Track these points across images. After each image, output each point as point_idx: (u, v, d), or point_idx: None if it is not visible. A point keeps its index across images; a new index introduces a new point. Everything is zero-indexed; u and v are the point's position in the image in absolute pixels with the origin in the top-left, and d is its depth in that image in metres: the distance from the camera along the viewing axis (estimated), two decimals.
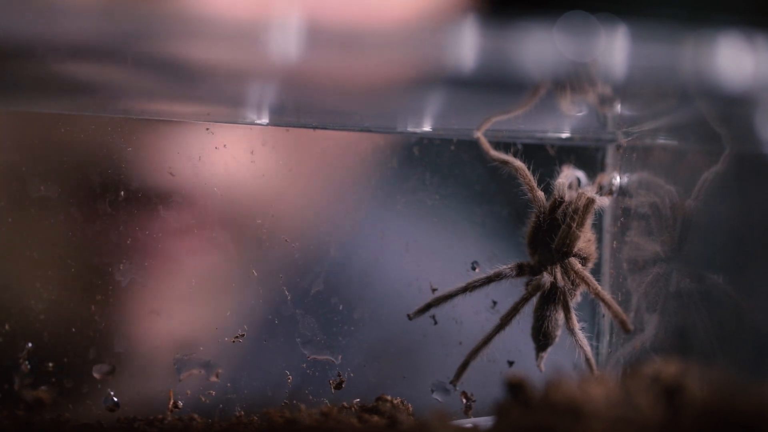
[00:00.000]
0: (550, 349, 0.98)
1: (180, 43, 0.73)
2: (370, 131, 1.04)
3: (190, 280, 1.01)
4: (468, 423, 0.99)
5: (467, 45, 0.72)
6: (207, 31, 0.71)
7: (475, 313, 1.02)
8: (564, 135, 1.05)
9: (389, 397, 1.01)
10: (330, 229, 1.05)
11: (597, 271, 1.01)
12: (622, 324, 0.93)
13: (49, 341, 0.94)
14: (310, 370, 1.02)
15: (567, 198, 0.97)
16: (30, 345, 0.94)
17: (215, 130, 0.99)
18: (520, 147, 0.99)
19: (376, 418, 0.95)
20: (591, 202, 0.95)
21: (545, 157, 1.03)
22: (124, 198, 0.97)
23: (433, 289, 1.01)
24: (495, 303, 1.03)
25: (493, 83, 0.76)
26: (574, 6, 0.74)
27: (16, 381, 0.93)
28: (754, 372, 0.78)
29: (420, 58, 0.75)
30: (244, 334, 1.00)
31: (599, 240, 1.02)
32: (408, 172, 1.06)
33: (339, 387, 1.01)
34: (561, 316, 0.97)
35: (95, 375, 0.96)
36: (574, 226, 0.95)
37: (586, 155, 1.05)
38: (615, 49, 0.73)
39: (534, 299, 0.97)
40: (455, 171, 1.06)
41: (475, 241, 1.07)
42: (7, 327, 0.93)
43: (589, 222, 0.97)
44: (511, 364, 1.04)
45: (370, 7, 1.21)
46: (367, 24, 0.72)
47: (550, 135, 1.05)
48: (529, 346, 0.99)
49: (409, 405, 1.01)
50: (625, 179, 1.02)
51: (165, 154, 0.98)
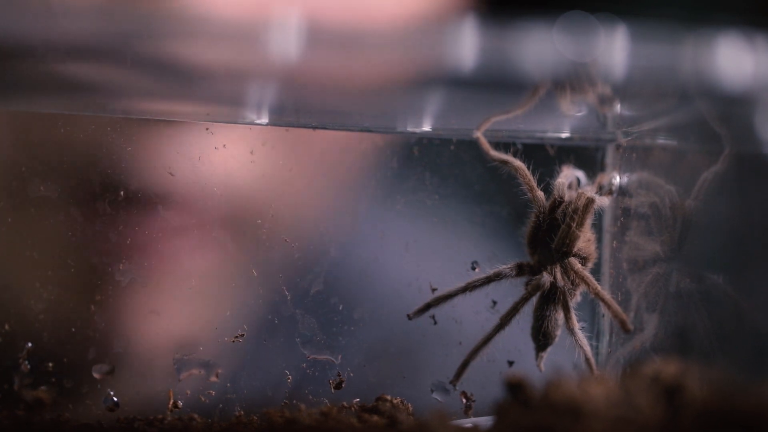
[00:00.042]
0: (549, 348, 0.98)
1: (180, 43, 0.73)
2: (369, 131, 1.04)
3: (189, 280, 1.01)
4: (468, 423, 0.99)
5: (467, 45, 0.72)
6: (207, 31, 0.71)
7: (474, 312, 1.02)
8: (564, 135, 1.05)
9: (389, 397, 1.00)
10: (330, 229, 1.05)
11: (597, 271, 1.01)
12: (622, 324, 0.93)
13: (49, 341, 0.94)
14: (309, 369, 1.02)
15: (567, 198, 0.97)
16: (30, 345, 0.94)
17: (215, 130, 0.99)
18: (519, 147, 0.99)
19: (375, 418, 0.95)
20: (591, 201, 0.95)
21: (545, 157, 1.03)
22: (124, 198, 0.97)
23: (433, 289, 1.01)
24: (495, 303, 1.03)
25: (493, 83, 0.76)
26: (574, 6, 0.74)
27: (16, 381, 0.93)
28: (754, 372, 0.78)
29: (420, 57, 0.75)
30: (243, 334, 1.00)
31: (599, 240, 1.02)
32: (408, 172, 1.06)
33: (339, 387, 1.01)
34: (561, 316, 0.97)
35: (95, 375, 0.96)
36: (574, 225, 0.95)
37: (586, 155, 1.05)
38: (615, 49, 0.73)
39: (534, 299, 0.97)
40: (455, 171, 1.06)
41: (474, 241, 1.07)
42: (7, 327, 0.93)
43: (588, 222, 0.97)
44: (511, 363, 1.04)
45: (370, 7, 1.21)
46: (366, 24, 0.72)
47: (550, 135, 1.05)
48: (528, 346, 0.99)
49: (409, 405, 1.01)
50: (624, 179, 1.02)
51: (165, 154, 0.98)
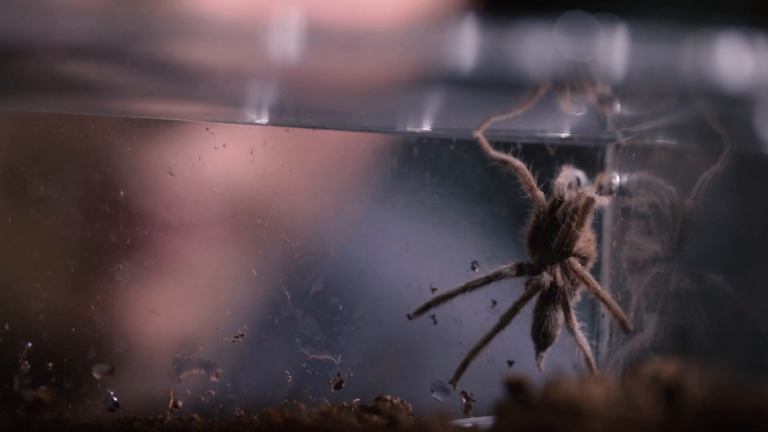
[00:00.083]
0: (549, 348, 0.98)
1: (179, 43, 0.73)
2: (369, 131, 1.04)
3: (189, 279, 1.01)
4: (468, 423, 0.99)
5: (467, 45, 0.72)
6: (206, 31, 0.71)
7: (474, 312, 1.02)
8: (564, 135, 1.05)
9: (389, 397, 1.00)
10: (330, 229, 1.05)
11: (597, 270, 1.01)
12: (622, 324, 0.93)
13: (48, 341, 0.94)
14: (309, 369, 1.02)
15: (567, 198, 0.97)
16: (30, 345, 0.94)
17: (215, 130, 0.99)
18: (519, 147, 0.99)
19: (375, 418, 0.95)
20: (591, 201, 0.95)
21: (545, 157, 1.03)
22: (124, 198, 0.97)
23: (433, 289, 1.01)
24: (495, 303, 1.03)
25: (493, 83, 0.76)
26: (574, 6, 0.74)
27: (16, 381, 0.93)
28: (754, 372, 0.78)
29: (419, 57, 0.75)
30: (243, 334, 1.00)
31: (599, 240, 1.02)
32: (408, 171, 1.06)
33: (339, 387, 1.01)
34: (561, 316, 0.97)
35: (95, 375, 0.96)
36: (574, 225, 0.95)
37: (586, 155, 1.05)
38: (615, 49, 0.73)
39: (534, 299, 0.97)
40: (455, 171, 1.06)
41: (474, 241, 1.07)
42: (7, 327, 0.93)
43: (588, 221, 0.97)
44: (510, 363, 1.04)
45: (370, 6, 1.21)
46: (366, 24, 0.72)
47: (550, 135, 1.04)
48: (528, 345, 0.99)
49: (409, 405, 1.01)
50: (624, 179, 1.02)
51: (165, 154, 0.98)
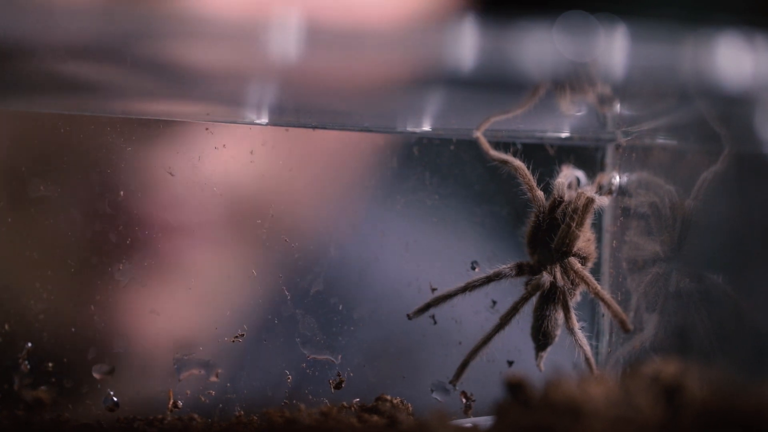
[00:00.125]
0: (549, 348, 0.98)
1: (179, 44, 0.73)
2: (369, 131, 1.04)
3: (189, 280, 1.01)
4: (468, 423, 0.99)
5: (466, 45, 0.72)
6: (206, 31, 0.71)
7: (474, 312, 1.02)
8: (563, 135, 1.05)
9: (389, 397, 1.00)
10: (330, 229, 1.05)
11: (596, 270, 1.01)
12: (622, 324, 0.93)
13: (48, 341, 0.94)
14: (309, 369, 1.02)
15: (566, 197, 0.97)
16: (30, 345, 0.94)
17: (215, 130, 0.99)
18: (519, 147, 0.99)
19: (375, 418, 0.95)
20: (590, 201, 0.95)
21: (545, 157, 1.03)
22: (123, 198, 0.97)
23: (433, 289, 1.01)
24: (494, 303, 1.03)
25: (493, 83, 0.76)
26: (574, 6, 0.74)
27: (15, 381, 0.93)
28: (754, 372, 0.78)
29: (419, 57, 0.75)
30: (243, 334, 1.00)
31: (599, 239, 1.02)
32: (408, 171, 1.06)
33: (339, 387, 1.01)
34: (560, 316, 0.97)
35: (95, 375, 0.96)
36: (574, 225, 0.95)
37: (586, 155, 1.05)
38: (614, 48, 0.73)
39: (533, 299, 0.97)
40: (455, 171, 1.06)
41: (474, 241, 1.07)
42: (6, 327, 0.93)
43: (588, 221, 0.97)
44: (510, 363, 1.04)
45: (370, 7, 1.21)
46: (366, 24, 0.72)
47: (550, 135, 1.05)
48: (528, 345, 0.99)
49: (409, 405, 1.01)
50: (624, 179, 1.02)
51: (165, 154, 0.98)
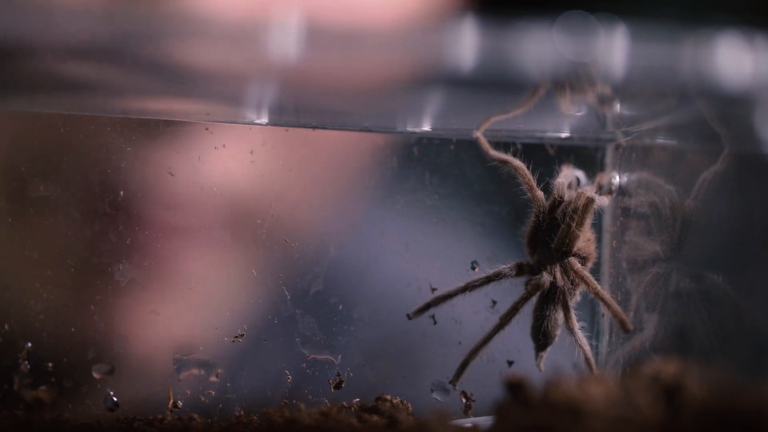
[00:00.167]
0: (549, 348, 0.98)
1: (179, 44, 0.73)
2: (369, 131, 1.04)
3: (189, 280, 1.01)
4: (467, 422, 0.99)
5: (466, 45, 0.72)
6: (206, 31, 0.71)
7: (474, 312, 1.02)
8: (563, 135, 1.05)
9: (389, 397, 1.00)
10: (330, 229, 1.05)
11: (596, 270, 1.01)
12: (622, 324, 0.93)
13: (48, 341, 0.94)
14: (309, 369, 1.02)
15: (566, 197, 0.97)
16: (29, 345, 0.94)
17: (215, 130, 0.99)
18: (519, 146, 0.99)
19: (375, 418, 0.95)
20: (590, 201, 0.95)
21: (545, 157, 1.03)
22: (123, 198, 0.97)
23: (433, 289, 1.01)
24: (494, 302, 1.03)
25: (493, 83, 0.76)
26: (574, 6, 0.74)
27: (15, 381, 0.93)
28: (754, 372, 0.78)
29: (419, 57, 0.75)
30: (243, 334, 1.00)
31: (599, 239, 1.02)
32: (407, 171, 1.06)
33: (338, 387, 1.01)
34: (560, 316, 0.97)
35: (95, 375, 0.96)
36: (574, 225, 0.95)
37: (586, 155, 1.05)
38: (614, 48, 0.73)
39: (533, 299, 0.97)
40: (455, 171, 1.06)
41: (474, 241, 1.07)
42: (6, 327, 0.93)
43: (588, 221, 0.97)
44: (510, 363, 1.04)
45: (369, 7, 1.21)
46: (366, 24, 0.72)
47: (550, 135, 1.04)
48: (528, 345, 0.99)
49: (409, 405, 1.01)
50: (624, 179, 1.02)
51: (165, 154, 0.98)
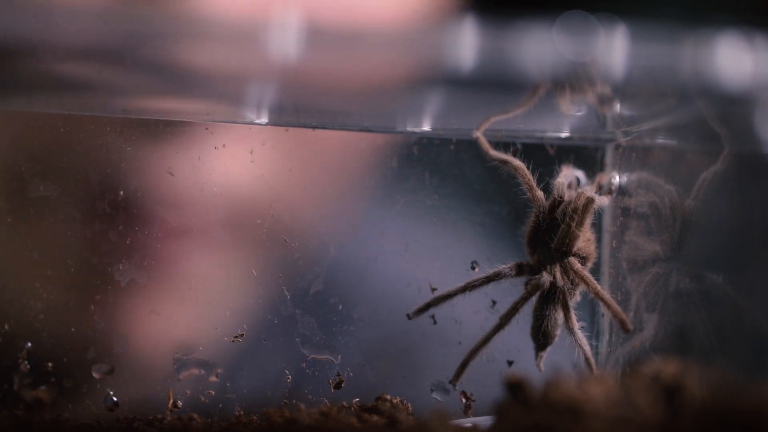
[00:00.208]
0: (549, 348, 0.98)
1: (179, 43, 0.73)
2: (369, 131, 1.04)
3: (189, 279, 1.01)
4: (467, 422, 0.99)
5: (466, 45, 0.72)
6: (206, 31, 0.71)
7: (474, 312, 1.02)
8: (563, 134, 1.05)
9: (389, 397, 1.00)
10: (330, 229, 1.05)
11: (596, 270, 1.01)
12: (622, 323, 0.93)
13: (48, 341, 0.94)
14: (309, 369, 1.02)
15: (566, 197, 0.97)
16: (29, 345, 0.94)
17: (214, 130, 0.99)
18: (519, 146, 0.99)
19: (375, 418, 0.95)
20: (590, 201, 0.95)
21: (544, 157, 1.03)
22: (123, 198, 0.97)
23: (433, 289, 1.01)
24: (494, 302, 1.03)
25: (493, 83, 0.76)
26: (574, 6, 0.74)
27: (15, 381, 0.93)
28: (754, 372, 0.78)
29: (419, 57, 0.75)
30: (243, 334, 1.00)
31: (599, 239, 1.02)
32: (407, 171, 1.06)
33: (338, 386, 1.01)
34: (560, 316, 0.97)
35: (94, 375, 0.96)
36: (574, 225, 0.95)
37: (586, 155, 1.05)
38: (614, 48, 0.73)
39: (533, 299, 0.97)
40: (455, 171, 1.06)
41: (474, 241, 1.07)
42: (6, 327, 0.93)
43: (588, 221, 0.97)
44: (510, 363, 1.04)
45: (369, 7, 1.21)
46: (366, 24, 0.72)
47: (550, 134, 1.05)
48: (528, 345, 0.99)
49: (409, 404, 1.01)
50: (624, 179, 1.02)
51: (165, 154, 0.98)
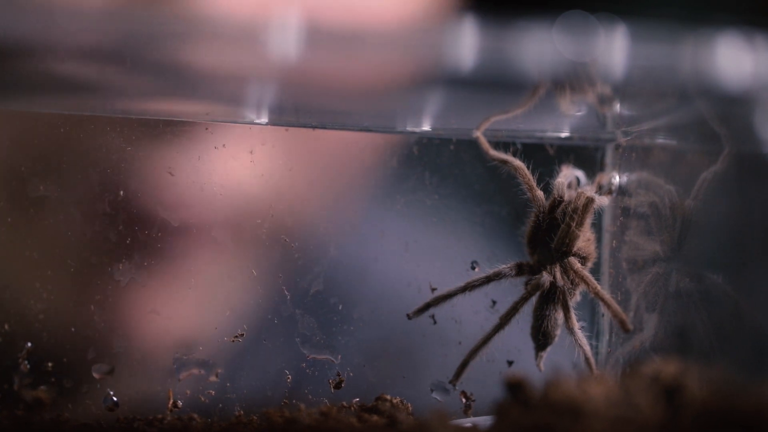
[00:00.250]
0: (549, 348, 0.98)
1: (179, 44, 0.73)
2: (369, 131, 1.04)
3: (189, 279, 1.01)
4: (467, 422, 0.99)
5: (466, 44, 0.72)
6: (207, 31, 0.71)
7: (474, 312, 1.02)
8: (563, 134, 1.05)
9: (389, 397, 1.01)
10: (330, 228, 1.05)
11: (596, 270, 1.01)
12: (622, 323, 0.93)
13: (48, 341, 0.94)
14: (309, 369, 1.02)
15: (566, 197, 0.97)
16: (29, 345, 0.94)
17: (214, 130, 0.99)
18: (519, 146, 0.99)
19: (375, 418, 0.95)
20: (590, 201, 0.95)
21: (544, 157, 1.03)
22: (123, 198, 0.97)
23: (433, 289, 1.01)
24: (494, 302, 1.03)
25: (493, 83, 0.76)
26: (574, 6, 0.74)
27: (15, 381, 0.93)
28: (754, 372, 0.78)
29: (419, 57, 0.75)
30: (243, 334, 1.00)
31: (598, 239, 1.02)
32: (407, 171, 1.06)
33: (338, 386, 1.01)
34: (560, 316, 0.97)
35: (95, 375, 0.96)
36: (574, 225, 0.95)
37: (586, 155, 1.05)
38: (614, 48, 0.73)
39: (533, 299, 0.97)
40: (454, 170, 1.06)
41: (474, 241, 1.07)
42: (6, 327, 0.93)
43: (588, 221, 0.97)
44: (510, 363, 1.04)
45: (370, 7, 1.21)
46: (366, 24, 0.72)
47: (550, 134, 1.05)
48: (528, 345, 0.99)
49: (409, 404, 1.01)
50: (624, 179, 1.02)
51: (165, 154, 0.98)
